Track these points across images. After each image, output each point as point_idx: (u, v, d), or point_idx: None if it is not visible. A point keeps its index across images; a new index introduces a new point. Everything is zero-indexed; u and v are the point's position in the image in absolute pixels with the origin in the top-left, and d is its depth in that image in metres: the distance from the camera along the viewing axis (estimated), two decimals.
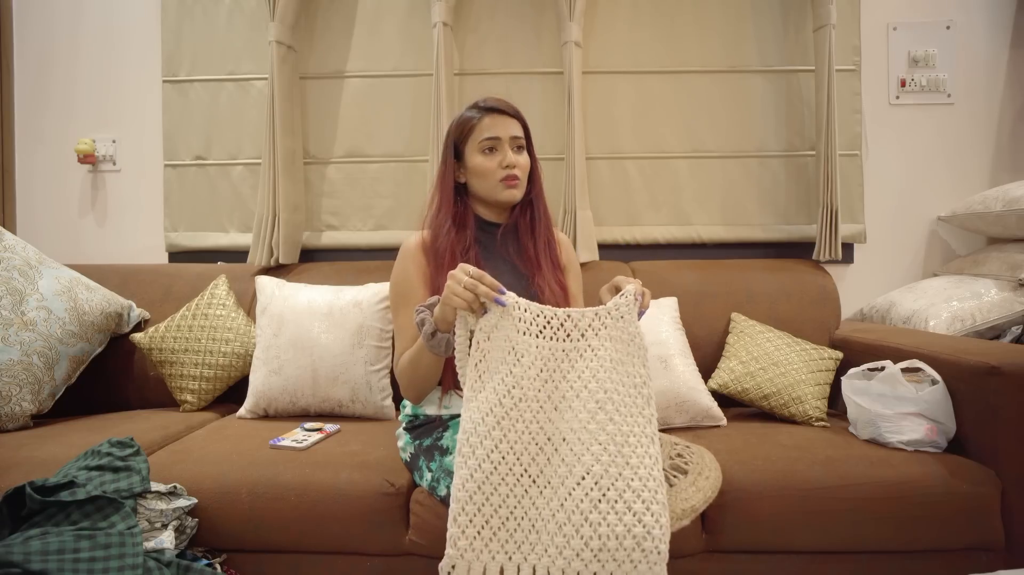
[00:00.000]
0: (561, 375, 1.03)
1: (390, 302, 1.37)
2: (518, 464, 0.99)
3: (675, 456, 1.24)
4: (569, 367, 1.03)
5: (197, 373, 1.78)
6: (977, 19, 2.20)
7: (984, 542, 1.29)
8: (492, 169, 1.29)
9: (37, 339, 1.65)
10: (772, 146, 2.19)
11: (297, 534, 1.29)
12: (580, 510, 0.94)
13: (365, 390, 1.71)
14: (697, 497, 1.13)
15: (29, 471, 1.30)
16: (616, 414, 0.99)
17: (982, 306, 1.79)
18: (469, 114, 1.33)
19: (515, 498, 0.98)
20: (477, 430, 1.00)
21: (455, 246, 1.29)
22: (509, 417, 1.00)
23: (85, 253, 2.28)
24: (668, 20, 2.19)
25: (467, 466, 0.99)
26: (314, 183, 2.23)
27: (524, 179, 1.33)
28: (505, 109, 1.32)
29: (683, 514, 1.09)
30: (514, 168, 1.29)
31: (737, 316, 1.89)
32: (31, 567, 1.02)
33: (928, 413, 1.39)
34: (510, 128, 1.31)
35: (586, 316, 1.05)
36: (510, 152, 1.30)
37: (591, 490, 0.94)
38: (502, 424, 0.99)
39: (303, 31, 2.19)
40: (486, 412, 1.00)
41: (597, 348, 1.03)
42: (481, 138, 1.30)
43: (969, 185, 2.20)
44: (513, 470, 0.99)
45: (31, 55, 2.29)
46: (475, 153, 1.31)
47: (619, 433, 0.97)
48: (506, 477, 0.98)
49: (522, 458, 0.99)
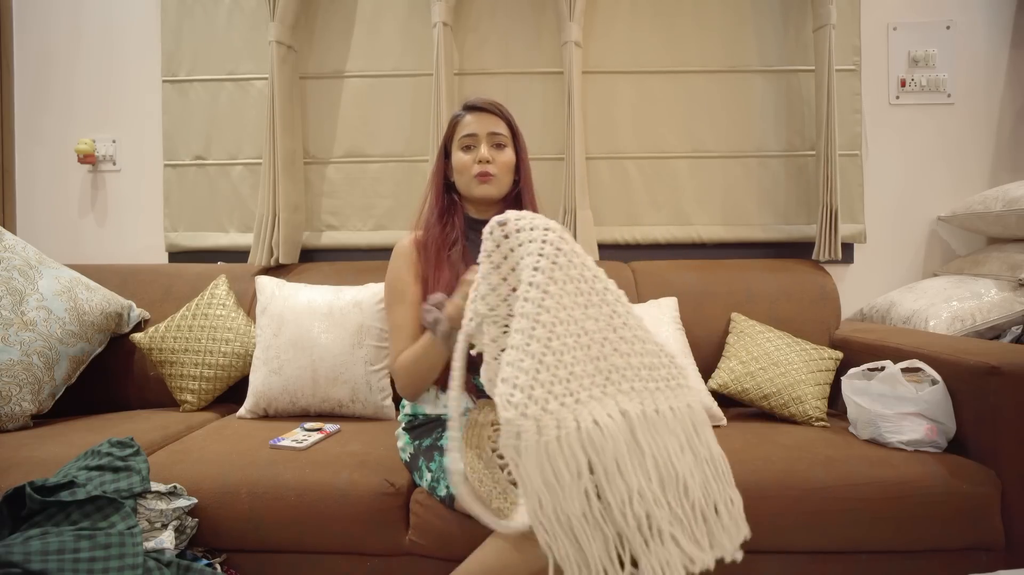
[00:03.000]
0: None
1: (385, 301, 1.38)
2: (572, 322, 0.88)
3: None
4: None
5: (197, 373, 1.78)
6: (977, 19, 2.20)
7: (984, 542, 1.29)
8: (468, 165, 1.32)
9: (37, 339, 1.65)
10: (772, 146, 2.19)
11: (297, 534, 1.29)
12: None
13: (365, 390, 1.71)
14: None
15: (29, 471, 1.30)
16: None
17: (982, 306, 1.79)
18: (456, 113, 1.37)
19: (569, 309, 0.88)
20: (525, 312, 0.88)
21: (441, 242, 1.31)
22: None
23: (85, 253, 2.28)
24: (668, 20, 2.19)
25: (521, 332, 0.86)
26: (314, 183, 2.23)
27: (503, 175, 1.34)
28: (485, 106, 1.34)
29: None
30: (488, 164, 1.31)
31: (737, 316, 1.89)
32: (31, 567, 1.02)
33: (928, 413, 1.39)
34: (488, 125, 1.32)
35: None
36: (484, 148, 1.31)
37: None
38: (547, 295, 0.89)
39: (303, 31, 2.19)
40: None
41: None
42: (461, 135, 1.33)
43: (969, 185, 2.20)
44: (566, 326, 0.88)
45: (31, 55, 2.29)
46: (457, 150, 1.34)
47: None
48: (555, 327, 0.86)
49: (575, 313, 0.90)
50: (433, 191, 1.38)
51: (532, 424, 0.80)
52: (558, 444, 0.80)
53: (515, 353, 0.84)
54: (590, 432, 0.81)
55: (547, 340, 0.85)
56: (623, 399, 0.87)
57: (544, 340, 0.85)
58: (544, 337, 0.85)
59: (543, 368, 0.83)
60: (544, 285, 0.89)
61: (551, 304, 0.88)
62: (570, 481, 0.79)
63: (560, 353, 0.85)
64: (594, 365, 0.88)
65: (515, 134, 1.37)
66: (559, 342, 0.86)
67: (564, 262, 0.92)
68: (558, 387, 0.83)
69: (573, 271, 0.93)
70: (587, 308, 0.92)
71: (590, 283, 0.94)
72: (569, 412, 0.82)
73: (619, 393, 0.88)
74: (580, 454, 0.80)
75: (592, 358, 0.88)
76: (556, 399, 0.82)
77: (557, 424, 0.80)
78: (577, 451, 0.80)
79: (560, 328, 0.87)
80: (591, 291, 0.94)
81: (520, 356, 0.84)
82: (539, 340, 0.85)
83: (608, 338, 0.92)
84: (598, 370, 0.88)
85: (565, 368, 0.85)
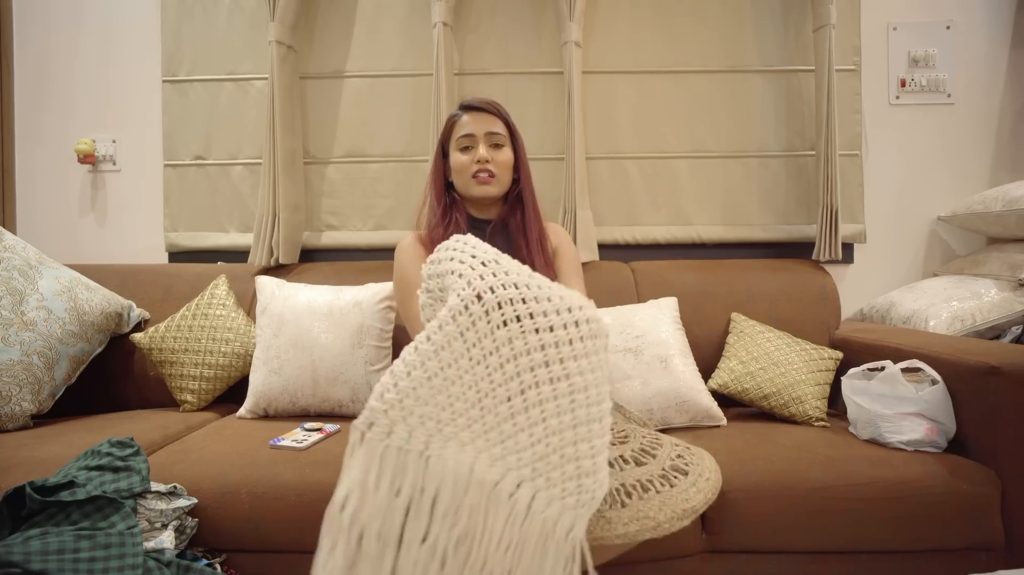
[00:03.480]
0: None
1: (396, 298, 1.36)
2: (483, 321, 0.85)
3: (676, 457, 1.24)
4: None
5: (197, 373, 1.78)
6: (977, 19, 2.20)
7: (984, 542, 1.29)
8: (466, 165, 1.31)
9: (37, 339, 1.65)
10: (772, 146, 2.19)
11: (297, 534, 1.29)
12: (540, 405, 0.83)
13: (365, 390, 1.71)
14: (698, 498, 1.13)
15: (29, 471, 1.30)
16: None
17: (982, 306, 1.79)
18: (452, 113, 1.36)
19: (468, 362, 0.84)
20: (429, 330, 0.86)
21: (448, 232, 1.31)
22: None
23: (85, 253, 2.28)
24: (668, 20, 2.19)
25: (424, 314, 0.90)
26: (314, 183, 2.23)
27: (502, 175, 1.33)
28: (482, 106, 1.33)
29: (684, 514, 1.09)
30: (486, 163, 1.30)
31: (737, 316, 1.89)
32: (31, 567, 1.02)
33: (928, 413, 1.39)
34: (486, 124, 1.32)
35: None
36: (482, 148, 1.31)
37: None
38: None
39: (303, 31, 2.19)
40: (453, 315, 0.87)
41: None
42: (459, 135, 1.33)
43: (969, 185, 2.20)
44: (471, 351, 0.84)
45: (31, 55, 2.29)
46: (455, 151, 1.34)
47: None
48: (465, 332, 0.84)
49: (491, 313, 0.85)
50: (433, 192, 1.37)
51: (387, 423, 0.79)
52: (397, 454, 0.78)
53: (412, 356, 0.83)
54: (430, 461, 0.79)
55: (437, 370, 0.83)
56: (489, 461, 0.82)
57: (435, 370, 0.83)
58: (435, 368, 0.83)
59: (426, 386, 0.81)
60: (452, 336, 0.85)
61: (451, 353, 0.85)
62: (385, 494, 0.77)
63: (450, 383, 0.83)
64: (480, 417, 0.84)
65: (513, 133, 1.36)
66: (449, 377, 0.83)
67: (485, 326, 0.87)
68: (430, 409, 0.81)
69: (504, 333, 0.86)
70: (492, 371, 0.86)
71: (520, 355, 0.87)
72: (425, 434, 0.80)
73: (489, 455, 0.83)
74: (410, 476, 0.78)
75: (478, 410, 0.84)
76: (421, 417, 0.81)
77: (409, 437, 0.79)
78: (409, 471, 0.78)
79: (451, 371, 0.84)
80: (512, 358, 0.86)
81: (415, 363, 0.82)
82: (431, 368, 0.83)
83: (514, 406, 0.85)
84: (481, 423, 0.84)
85: (446, 397, 0.82)
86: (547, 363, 0.86)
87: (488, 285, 0.87)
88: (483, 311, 0.86)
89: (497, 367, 0.85)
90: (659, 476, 1.09)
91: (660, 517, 1.02)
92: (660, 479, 1.09)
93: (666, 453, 1.23)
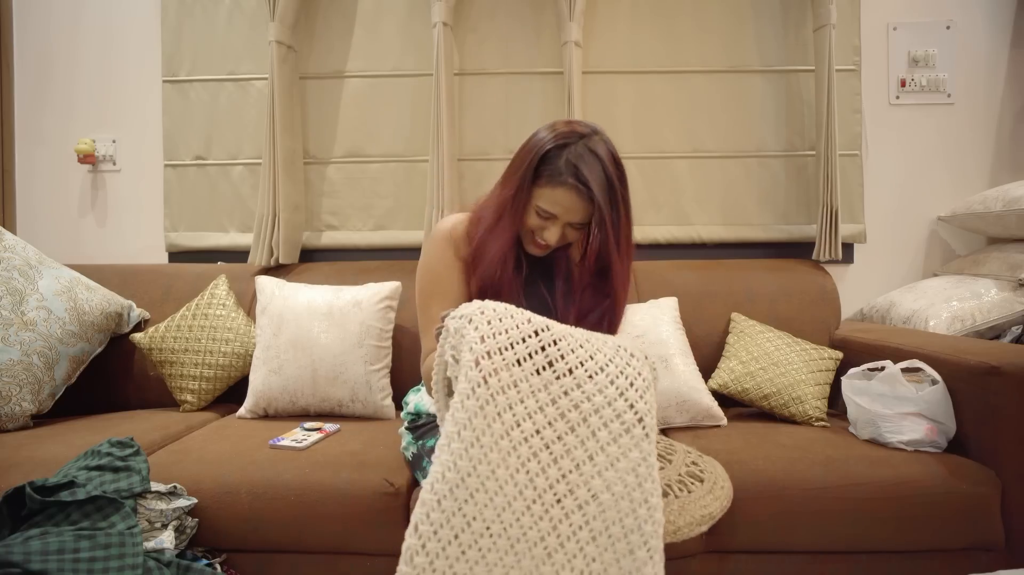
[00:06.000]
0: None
1: (418, 292, 1.24)
2: (503, 467, 0.81)
3: (690, 463, 1.24)
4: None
5: (197, 373, 1.78)
6: (977, 19, 2.20)
7: (984, 542, 1.29)
8: (535, 230, 1.19)
9: (37, 339, 1.65)
10: (772, 146, 2.19)
11: (297, 534, 1.29)
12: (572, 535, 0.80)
13: (365, 390, 1.71)
14: (715, 505, 1.12)
15: (29, 471, 1.30)
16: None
17: (982, 306, 1.79)
18: (561, 166, 1.13)
19: (494, 510, 0.80)
20: (455, 416, 0.83)
21: (505, 275, 1.19)
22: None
23: (85, 253, 2.28)
24: (668, 20, 2.19)
25: (440, 462, 0.81)
26: (314, 183, 2.23)
27: (573, 248, 1.23)
28: (586, 194, 1.13)
29: (702, 520, 1.08)
30: (550, 243, 1.19)
31: (737, 316, 1.89)
32: (31, 567, 1.02)
33: (928, 413, 1.39)
34: (574, 213, 1.15)
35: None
36: (555, 231, 1.17)
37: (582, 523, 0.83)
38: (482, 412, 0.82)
39: (303, 31, 2.19)
40: (464, 395, 0.83)
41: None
42: (545, 202, 1.15)
43: (969, 185, 2.20)
44: (496, 473, 0.80)
45: (31, 55, 2.29)
46: (533, 210, 1.18)
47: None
48: (486, 482, 0.80)
49: (509, 460, 0.81)
50: (512, 216, 1.19)
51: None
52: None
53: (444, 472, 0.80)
54: None
55: (464, 501, 0.80)
56: None
57: (462, 499, 0.80)
58: (463, 496, 0.80)
59: (455, 544, 0.80)
60: (465, 424, 0.81)
61: (474, 457, 0.81)
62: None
63: (478, 536, 0.80)
64: (516, 563, 0.81)
65: (603, 218, 1.15)
66: (479, 503, 0.81)
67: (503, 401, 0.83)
68: (462, 566, 0.80)
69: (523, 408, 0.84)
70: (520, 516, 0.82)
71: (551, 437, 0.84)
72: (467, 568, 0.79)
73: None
74: None
75: (512, 557, 0.81)
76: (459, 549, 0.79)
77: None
78: None
79: (481, 496, 0.81)
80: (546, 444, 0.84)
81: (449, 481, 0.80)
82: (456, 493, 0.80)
83: (548, 545, 0.82)
84: (518, 570, 0.82)
85: (477, 551, 0.80)
86: (572, 492, 0.84)
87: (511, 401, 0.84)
88: (507, 435, 0.83)
89: (524, 510, 0.82)
90: (676, 481, 1.09)
91: (680, 522, 1.02)
92: (678, 484, 1.09)
93: (680, 459, 1.23)
